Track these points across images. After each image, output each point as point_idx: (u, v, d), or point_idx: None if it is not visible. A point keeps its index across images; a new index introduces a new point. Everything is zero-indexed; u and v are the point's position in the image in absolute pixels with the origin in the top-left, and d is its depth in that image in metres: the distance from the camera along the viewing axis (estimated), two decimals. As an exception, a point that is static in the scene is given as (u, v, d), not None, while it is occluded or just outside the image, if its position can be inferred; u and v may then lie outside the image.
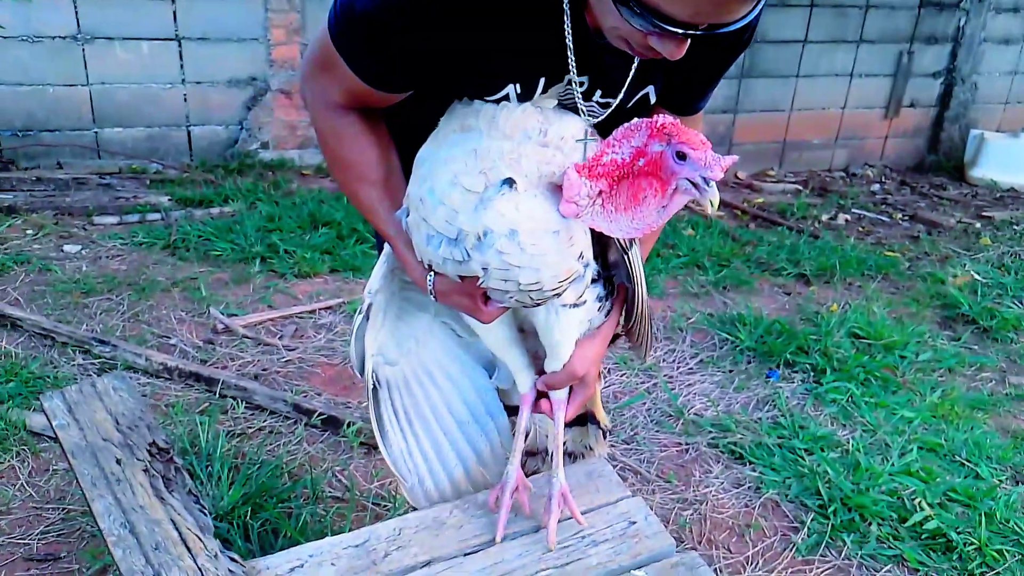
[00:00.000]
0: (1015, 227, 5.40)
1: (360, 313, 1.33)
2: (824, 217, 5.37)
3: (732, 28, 0.94)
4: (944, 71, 6.50)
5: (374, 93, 1.17)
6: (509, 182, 1.06)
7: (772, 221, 5.13)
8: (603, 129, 1.22)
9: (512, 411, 1.50)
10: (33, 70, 4.46)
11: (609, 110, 1.21)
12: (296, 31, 4.87)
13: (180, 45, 4.70)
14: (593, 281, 1.21)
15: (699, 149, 0.99)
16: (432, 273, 1.20)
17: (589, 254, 1.16)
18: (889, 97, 6.41)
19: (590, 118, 1.20)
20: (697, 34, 0.93)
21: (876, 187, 6.24)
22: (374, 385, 1.39)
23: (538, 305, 1.18)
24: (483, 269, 1.09)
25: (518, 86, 1.14)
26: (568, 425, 1.48)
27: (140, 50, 4.61)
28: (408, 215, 1.17)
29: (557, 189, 1.09)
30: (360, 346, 1.36)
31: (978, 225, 5.44)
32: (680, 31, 0.92)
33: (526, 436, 1.43)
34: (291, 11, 4.82)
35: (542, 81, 1.15)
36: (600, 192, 1.06)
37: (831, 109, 6.30)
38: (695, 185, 0.99)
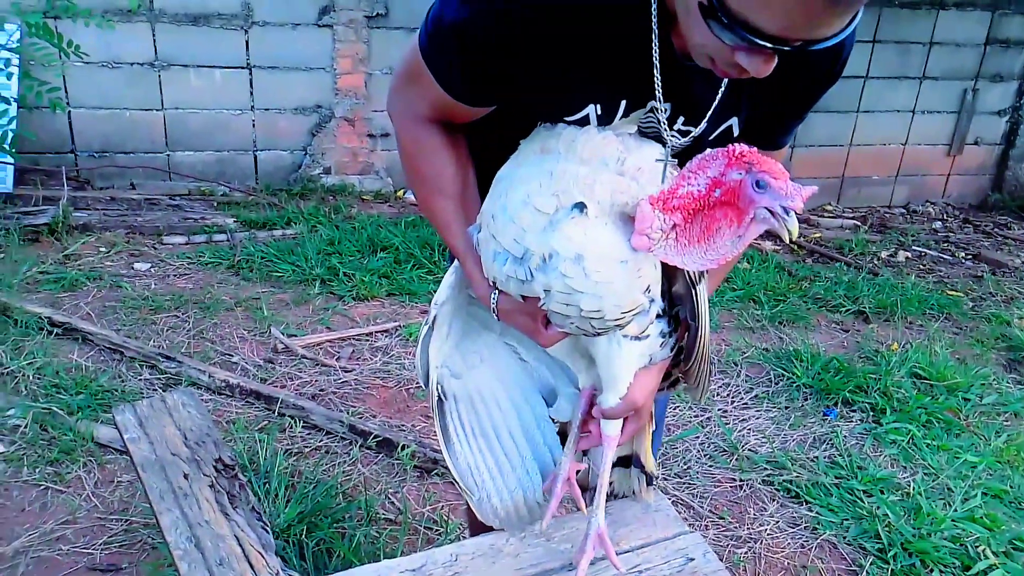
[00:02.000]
0: (1085, 269, 5.24)
1: (426, 324, 1.34)
2: (883, 254, 5.28)
3: (822, 47, 0.91)
4: (1010, 109, 6.37)
5: (458, 106, 1.19)
6: (580, 206, 1.06)
7: (830, 257, 5.06)
8: (682, 160, 1.22)
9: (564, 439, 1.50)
10: (112, 94, 4.66)
11: (690, 139, 1.20)
12: (362, 61, 5.00)
13: (251, 73, 4.86)
14: (658, 316, 1.20)
15: (780, 178, 0.98)
16: (496, 291, 1.21)
17: (657, 289, 1.15)
18: (952, 134, 6.29)
19: (671, 148, 1.20)
20: (785, 50, 0.91)
21: (938, 224, 6.12)
22: (439, 397, 1.39)
23: (599, 335, 1.17)
24: (545, 291, 1.09)
25: (599, 107, 1.15)
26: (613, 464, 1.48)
27: (213, 77, 4.79)
28: (479, 231, 1.18)
29: (630, 219, 1.08)
30: (425, 357, 1.36)
31: (1045, 266, 5.29)
32: (769, 46, 0.90)
33: (578, 472, 1.42)
34: (358, 42, 4.95)
35: (623, 104, 1.15)
36: (674, 226, 1.05)
37: (892, 145, 6.21)
38: (774, 214, 0.99)
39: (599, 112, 1.15)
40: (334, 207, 4.85)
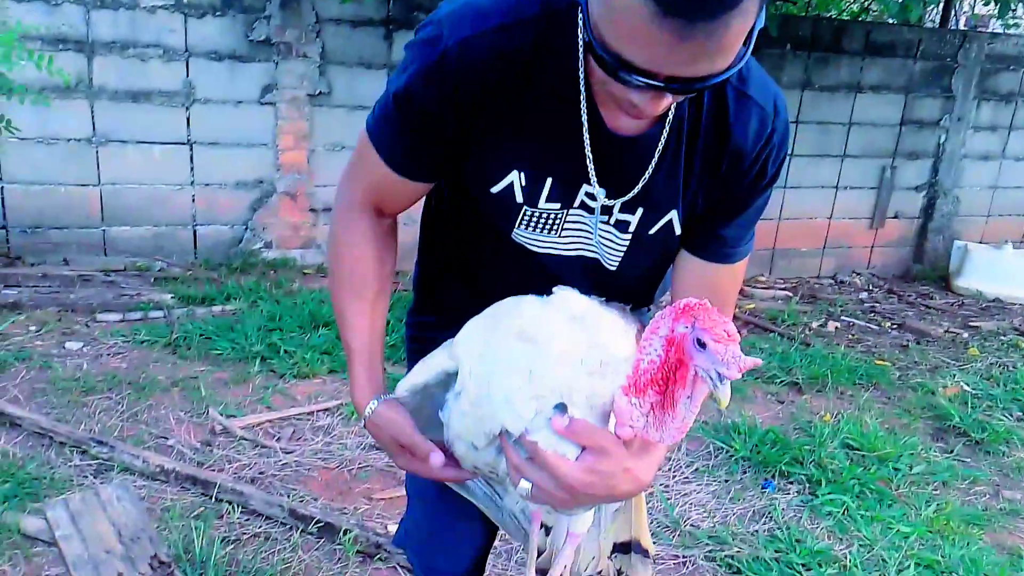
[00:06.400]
0: (1002, 337, 5.49)
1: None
2: (814, 324, 5.45)
3: (695, 87, 0.93)
4: (927, 185, 6.74)
5: (397, 184, 1.23)
6: (561, 407, 1.06)
7: (764, 327, 5.21)
8: (628, 256, 1.26)
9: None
10: (47, 170, 4.59)
11: (629, 232, 1.23)
12: (304, 138, 5.05)
13: (192, 149, 4.86)
14: None
15: (720, 341, 0.93)
16: (378, 401, 1.24)
17: None
18: (874, 208, 6.61)
19: (610, 248, 1.24)
20: (659, 86, 0.92)
21: (864, 295, 6.36)
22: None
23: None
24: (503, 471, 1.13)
25: (523, 177, 1.17)
26: (612, 553, 1.49)
27: (152, 153, 4.77)
28: (456, 399, 1.15)
29: (606, 413, 1.08)
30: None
31: (965, 335, 5.52)
32: (640, 80, 0.91)
33: (539, 554, 1.43)
34: (300, 119, 5.01)
35: (549, 182, 1.18)
36: (652, 405, 1.03)
37: (818, 219, 6.49)
38: (709, 376, 0.96)
39: (523, 183, 1.18)
40: (275, 282, 4.82)
